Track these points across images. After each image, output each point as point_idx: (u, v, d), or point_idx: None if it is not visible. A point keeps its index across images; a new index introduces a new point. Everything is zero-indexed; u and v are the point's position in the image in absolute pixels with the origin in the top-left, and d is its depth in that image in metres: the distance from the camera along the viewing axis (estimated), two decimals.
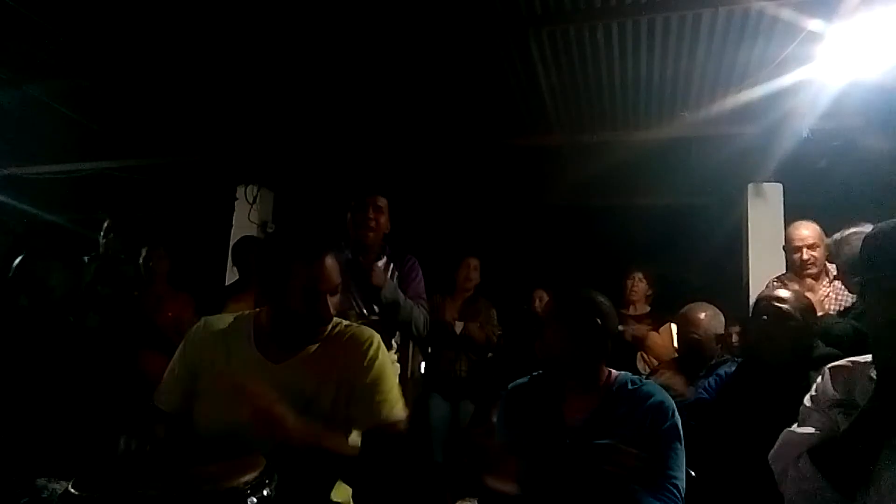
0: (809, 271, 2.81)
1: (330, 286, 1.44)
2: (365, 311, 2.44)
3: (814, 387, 1.39)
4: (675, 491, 1.52)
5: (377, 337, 1.56)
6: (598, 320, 1.65)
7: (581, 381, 1.67)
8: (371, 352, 1.51)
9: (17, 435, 2.47)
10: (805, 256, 2.83)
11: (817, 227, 2.87)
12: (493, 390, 2.69)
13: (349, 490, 1.57)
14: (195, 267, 3.95)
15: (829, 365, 1.39)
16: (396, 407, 1.49)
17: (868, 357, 1.32)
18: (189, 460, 1.20)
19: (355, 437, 1.54)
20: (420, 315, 2.54)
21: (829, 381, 1.36)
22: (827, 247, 2.81)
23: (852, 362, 1.36)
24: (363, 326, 1.60)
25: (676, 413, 1.61)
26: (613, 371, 1.71)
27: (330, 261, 1.45)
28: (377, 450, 1.43)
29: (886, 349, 1.22)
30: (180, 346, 1.58)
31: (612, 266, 3.97)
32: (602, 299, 1.71)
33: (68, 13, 2.86)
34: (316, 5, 2.70)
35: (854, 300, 2.53)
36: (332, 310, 1.45)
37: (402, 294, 2.49)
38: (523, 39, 2.88)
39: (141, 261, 3.50)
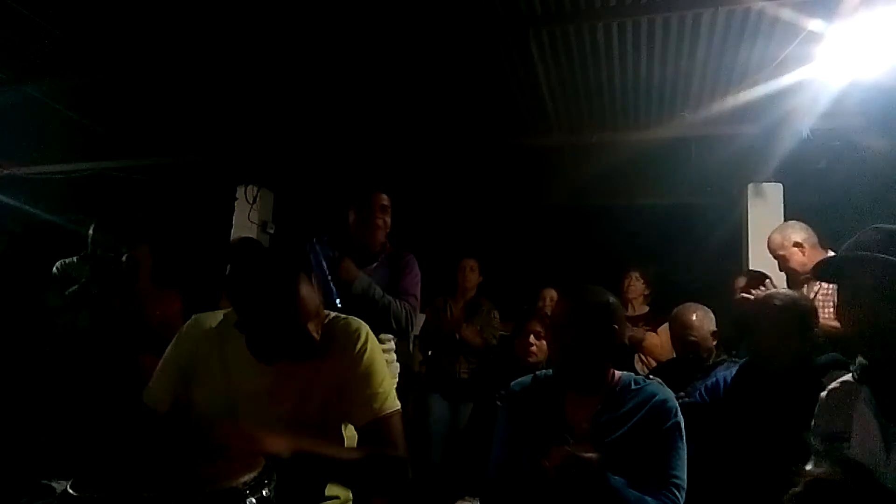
0: (790, 276, 2.84)
1: (308, 316, 1.38)
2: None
3: (816, 409, 1.37)
4: (675, 490, 1.52)
5: (365, 327, 1.54)
6: (611, 324, 1.64)
7: (587, 382, 1.67)
8: (360, 343, 1.49)
9: (18, 435, 2.47)
10: (780, 266, 2.87)
11: (784, 234, 2.89)
12: (494, 391, 2.68)
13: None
14: (195, 267, 3.95)
15: (829, 388, 1.37)
16: (389, 398, 1.48)
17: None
18: (188, 460, 1.20)
19: (351, 433, 1.54)
20: (402, 310, 2.43)
21: (826, 408, 1.34)
22: (813, 246, 2.83)
23: (845, 382, 1.33)
24: (351, 318, 1.57)
25: (679, 413, 1.61)
26: (617, 371, 1.71)
27: (305, 290, 1.38)
28: (371, 455, 1.41)
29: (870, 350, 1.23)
30: (171, 345, 1.55)
31: (612, 266, 3.97)
32: (612, 300, 1.70)
33: (68, 13, 2.86)
34: (316, 5, 2.70)
35: None
36: (314, 332, 1.40)
37: (378, 289, 2.39)
38: (523, 39, 2.88)
39: (124, 258, 3.44)
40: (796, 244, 2.85)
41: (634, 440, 1.55)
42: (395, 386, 1.59)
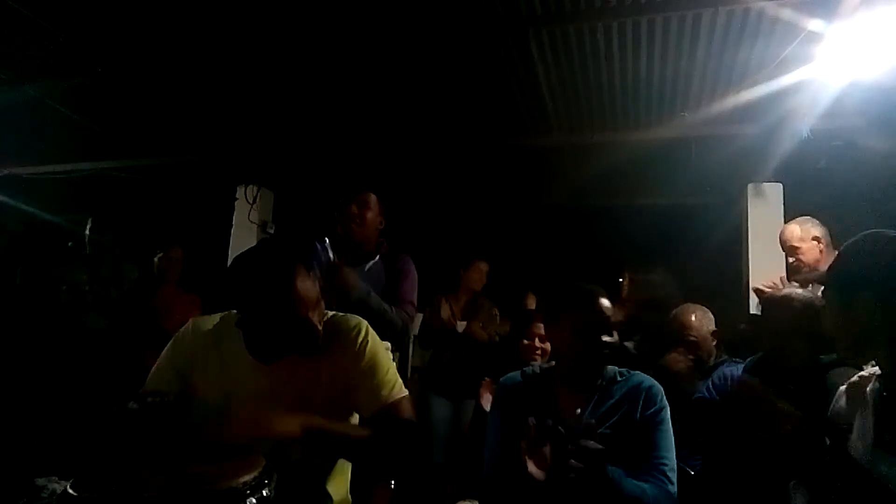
0: (796, 276, 2.77)
1: (308, 305, 1.39)
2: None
3: (833, 403, 1.39)
4: (668, 473, 1.56)
5: (365, 322, 1.55)
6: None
7: (583, 379, 1.70)
8: (360, 338, 1.50)
9: (18, 435, 2.47)
10: (790, 260, 2.81)
11: (804, 227, 2.83)
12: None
13: (347, 483, 1.57)
14: (198, 268, 3.94)
15: (849, 381, 1.38)
16: (396, 386, 1.48)
17: (875, 369, 1.31)
18: (188, 460, 1.20)
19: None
20: (399, 319, 2.44)
21: (842, 403, 1.36)
22: (828, 245, 2.77)
23: (862, 377, 1.35)
24: (349, 315, 1.58)
25: (664, 398, 1.67)
26: None
27: (302, 278, 1.39)
28: (384, 433, 1.41)
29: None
30: (167, 347, 1.55)
31: (611, 266, 3.97)
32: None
33: (68, 13, 2.85)
34: (316, 5, 2.70)
35: None
36: (317, 323, 1.41)
37: (376, 297, 2.40)
38: (523, 39, 2.88)
39: (156, 259, 3.46)
40: (815, 238, 2.78)
41: (626, 428, 1.60)
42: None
